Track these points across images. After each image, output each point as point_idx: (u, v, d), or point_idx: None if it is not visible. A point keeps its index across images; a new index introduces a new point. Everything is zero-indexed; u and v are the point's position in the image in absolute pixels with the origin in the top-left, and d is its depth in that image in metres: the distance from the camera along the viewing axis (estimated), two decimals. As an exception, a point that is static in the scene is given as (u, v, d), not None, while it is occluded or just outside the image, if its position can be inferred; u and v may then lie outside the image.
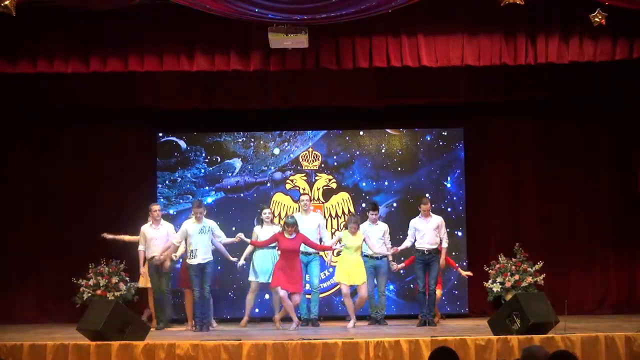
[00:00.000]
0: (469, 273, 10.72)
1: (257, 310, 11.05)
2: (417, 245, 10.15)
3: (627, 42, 9.51)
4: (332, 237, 10.96)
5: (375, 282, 10.43)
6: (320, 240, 10.50)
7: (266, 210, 10.58)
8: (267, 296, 11.11)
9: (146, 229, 10.28)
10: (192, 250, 9.90)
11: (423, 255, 10.10)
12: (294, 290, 9.93)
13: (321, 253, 10.68)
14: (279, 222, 11.20)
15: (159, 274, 10.23)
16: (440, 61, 9.61)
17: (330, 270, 11.45)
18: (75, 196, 11.49)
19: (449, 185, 11.64)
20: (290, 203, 11.52)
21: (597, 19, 8.87)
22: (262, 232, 10.41)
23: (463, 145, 11.66)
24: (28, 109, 11.26)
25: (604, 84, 11.16)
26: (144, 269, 10.35)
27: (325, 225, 11.01)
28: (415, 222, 10.23)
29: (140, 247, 10.29)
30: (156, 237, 10.25)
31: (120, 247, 11.05)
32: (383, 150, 11.72)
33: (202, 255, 9.89)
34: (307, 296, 10.56)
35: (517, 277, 11.05)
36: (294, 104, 11.36)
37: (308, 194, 10.85)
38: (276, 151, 11.67)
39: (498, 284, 11.08)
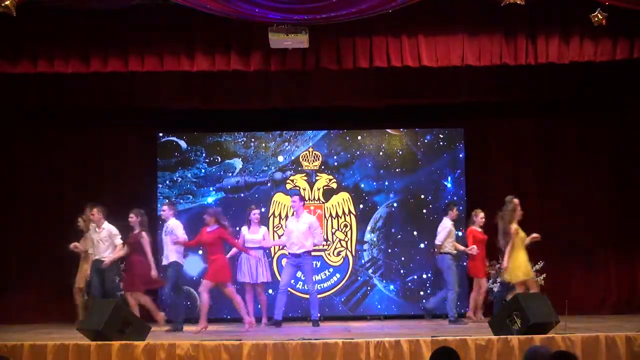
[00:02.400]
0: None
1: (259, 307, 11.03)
2: None
3: (627, 42, 9.50)
4: (333, 237, 10.97)
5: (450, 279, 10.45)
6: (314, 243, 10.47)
7: (255, 211, 10.58)
8: (270, 291, 11.10)
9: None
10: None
11: None
12: (214, 281, 9.86)
13: (321, 254, 10.69)
14: (279, 223, 11.26)
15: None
16: (440, 61, 9.61)
17: (331, 270, 11.46)
18: (75, 196, 11.48)
19: (449, 185, 11.64)
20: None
21: (597, 19, 8.86)
22: (248, 233, 10.44)
23: (463, 145, 11.66)
24: (28, 109, 11.27)
25: (604, 84, 11.16)
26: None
27: (321, 225, 10.93)
28: None
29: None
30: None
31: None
32: (383, 150, 11.73)
33: (165, 256, 10.07)
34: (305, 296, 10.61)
35: (517, 277, 11.05)
36: (294, 104, 11.36)
37: (298, 195, 10.77)
38: (280, 158, 11.65)
39: (498, 284, 11.09)
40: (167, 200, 10.98)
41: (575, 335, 7.62)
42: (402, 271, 11.48)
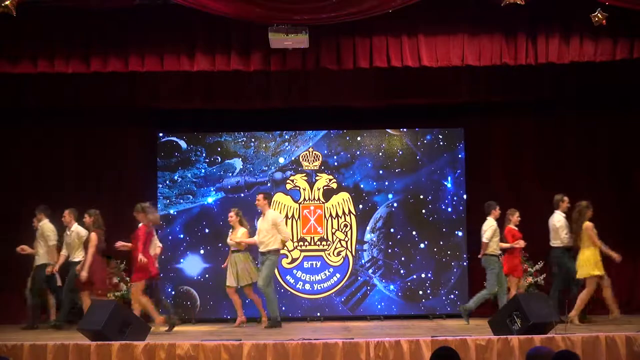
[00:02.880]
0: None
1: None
2: None
3: (627, 42, 9.51)
4: (333, 237, 10.96)
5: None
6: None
7: (230, 213, 10.58)
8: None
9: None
10: None
11: None
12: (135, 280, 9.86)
13: (321, 254, 10.68)
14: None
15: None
16: (440, 61, 9.61)
17: (331, 270, 11.46)
18: (76, 196, 11.48)
19: (449, 185, 11.64)
20: (291, 203, 11.53)
21: (597, 19, 8.86)
22: (230, 235, 10.48)
23: (463, 145, 11.66)
24: (29, 109, 11.27)
25: (604, 84, 11.16)
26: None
27: (321, 225, 10.92)
28: None
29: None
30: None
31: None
32: (383, 150, 11.72)
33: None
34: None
35: (517, 277, 11.06)
36: (294, 104, 11.36)
37: (264, 193, 10.70)
38: (281, 160, 11.64)
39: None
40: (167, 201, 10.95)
41: (576, 335, 7.62)
42: (402, 271, 11.48)
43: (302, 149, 11.70)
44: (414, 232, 11.56)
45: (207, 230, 11.50)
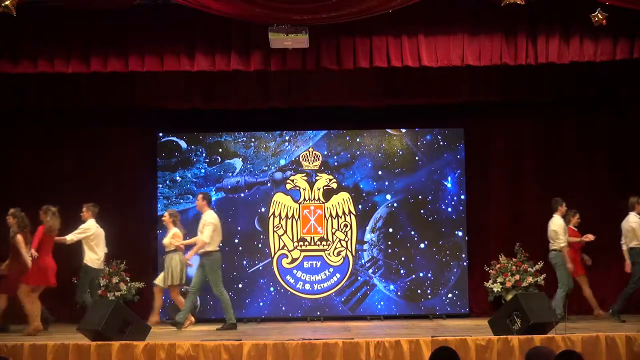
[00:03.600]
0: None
1: (264, 307, 11.04)
2: None
3: (627, 42, 9.50)
4: (333, 237, 10.94)
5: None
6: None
7: (165, 213, 10.61)
8: (273, 288, 11.10)
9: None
10: None
11: None
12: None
13: (321, 254, 10.67)
14: (279, 223, 11.28)
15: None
16: (440, 61, 9.61)
17: (331, 270, 11.46)
18: (76, 196, 11.48)
19: (449, 185, 11.64)
20: (291, 203, 11.53)
21: (597, 19, 8.86)
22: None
23: (463, 145, 11.66)
24: (29, 109, 11.26)
25: (604, 84, 11.16)
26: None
27: (320, 225, 10.91)
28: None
29: None
30: None
31: (121, 247, 11.06)
32: (383, 150, 11.72)
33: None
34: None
35: (517, 277, 11.08)
36: (294, 104, 11.36)
37: (202, 193, 10.59)
38: (282, 162, 11.64)
39: (498, 284, 11.10)
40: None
41: (576, 335, 7.63)
42: (402, 271, 11.48)
43: (302, 149, 11.70)
44: (414, 232, 11.56)
45: (207, 230, 11.48)
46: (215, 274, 10.21)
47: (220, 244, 10.42)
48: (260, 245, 11.50)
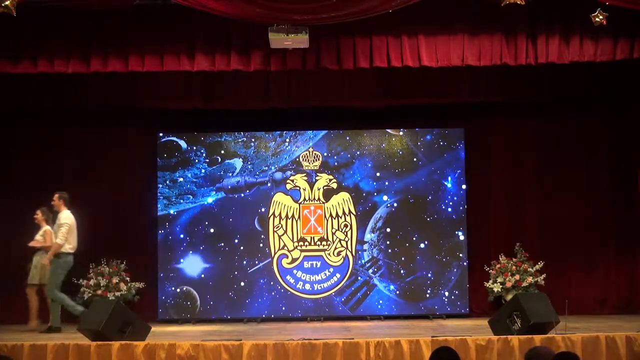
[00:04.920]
0: None
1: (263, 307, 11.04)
2: None
3: (628, 42, 9.50)
4: (333, 237, 10.93)
5: None
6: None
7: (37, 211, 10.60)
8: (274, 288, 11.10)
9: None
10: None
11: None
12: None
13: (321, 254, 10.67)
14: (279, 223, 11.27)
15: None
16: (440, 61, 9.61)
17: (331, 270, 11.46)
18: (76, 196, 11.47)
19: (449, 185, 11.63)
20: (291, 203, 11.53)
21: (597, 19, 8.86)
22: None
23: (463, 145, 11.66)
24: (29, 109, 11.27)
25: (604, 84, 11.16)
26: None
27: (320, 225, 10.97)
28: None
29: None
30: None
31: (121, 247, 11.05)
32: (383, 150, 11.72)
33: None
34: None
35: (517, 277, 11.08)
36: (294, 104, 11.35)
37: (58, 193, 10.49)
38: (281, 161, 11.64)
39: (499, 284, 11.10)
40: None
41: (576, 335, 7.63)
42: (402, 271, 11.48)
43: (302, 149, 11.70)
44: (414, 232, 11.56)
45: (207, 230, 11.49)
46: (56, 276, 10.15)
47: (74, 250, 10.34)
48: (260, 245, 11.50)
